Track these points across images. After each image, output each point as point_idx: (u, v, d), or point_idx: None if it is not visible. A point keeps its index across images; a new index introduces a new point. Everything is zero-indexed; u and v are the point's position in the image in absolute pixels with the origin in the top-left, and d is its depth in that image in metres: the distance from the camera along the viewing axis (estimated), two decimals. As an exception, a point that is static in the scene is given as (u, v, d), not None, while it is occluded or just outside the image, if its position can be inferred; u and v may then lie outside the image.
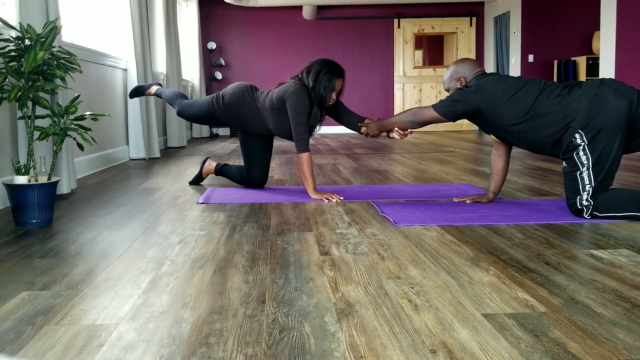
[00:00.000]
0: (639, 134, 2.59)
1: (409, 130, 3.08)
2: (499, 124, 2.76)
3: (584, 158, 2.58)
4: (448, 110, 2.82)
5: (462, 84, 2.90)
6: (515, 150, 5.71)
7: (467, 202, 3.07)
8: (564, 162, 2.69)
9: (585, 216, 2.60)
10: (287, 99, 3.26)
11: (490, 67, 10.42)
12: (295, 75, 3.38)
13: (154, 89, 3.93)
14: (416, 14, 10.55)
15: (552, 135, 2.64)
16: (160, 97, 3.93)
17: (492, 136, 2.94)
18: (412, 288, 1.68)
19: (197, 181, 3.90)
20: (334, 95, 3.30)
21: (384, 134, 3.19)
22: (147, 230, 2.51)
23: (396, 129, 3.07)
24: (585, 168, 2.58)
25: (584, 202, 2.60)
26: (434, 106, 2.86)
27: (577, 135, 2.57)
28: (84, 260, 2.03)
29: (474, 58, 10.57)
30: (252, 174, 3.61)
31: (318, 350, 1.27)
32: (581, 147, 2.57)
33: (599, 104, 2.56)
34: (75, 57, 2.79)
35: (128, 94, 4.24)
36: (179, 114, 3.73)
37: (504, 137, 2.85)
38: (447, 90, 3.01)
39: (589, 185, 2.58)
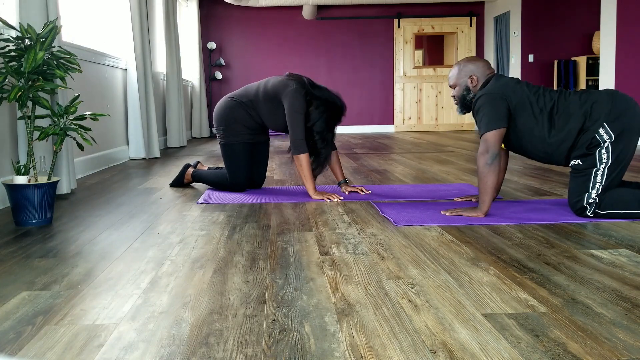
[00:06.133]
0: None
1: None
2: (524, 129, 2.68)
3: (605, 156, 2.56)
4: (496, 117, 2.62)
5: (474, 82, 2.80)
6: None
7: (473, 200, 3.07)
8: (577, 160, 2.63)
9: (588, 214, 2.60)
10: (284, 98, 3.26)
11: (490, 67, 10.40)
12: (297, 76, 3.35)
13: (190, 171, 3.75)
14: (416, 14, 10.55)
15: (574, 131, 2.58)
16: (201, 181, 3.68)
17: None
18: (412, 288, 1.67)
19: (178, 183, 3.77)
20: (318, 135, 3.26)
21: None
22: (147, 230, 2.51)
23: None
24: (603, 166, 2.56)
25: (590, 200, 2.59)
26: (485, 132, 2.64)
27: (601, 131, 2.55)
28: (83, 260, 2.03)
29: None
30: (248, 176, 3.55)
31: (318, 350, 1.26)
32: (606, 145, 2.55)
33: (623, 103, 2.56)
34: (75, 57, 2.79)
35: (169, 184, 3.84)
36: (232, 181, 3.49)
37: (519, 146, 2.75)
38: (453, 86, 2.86)
39: (599, 184, 2.57)
